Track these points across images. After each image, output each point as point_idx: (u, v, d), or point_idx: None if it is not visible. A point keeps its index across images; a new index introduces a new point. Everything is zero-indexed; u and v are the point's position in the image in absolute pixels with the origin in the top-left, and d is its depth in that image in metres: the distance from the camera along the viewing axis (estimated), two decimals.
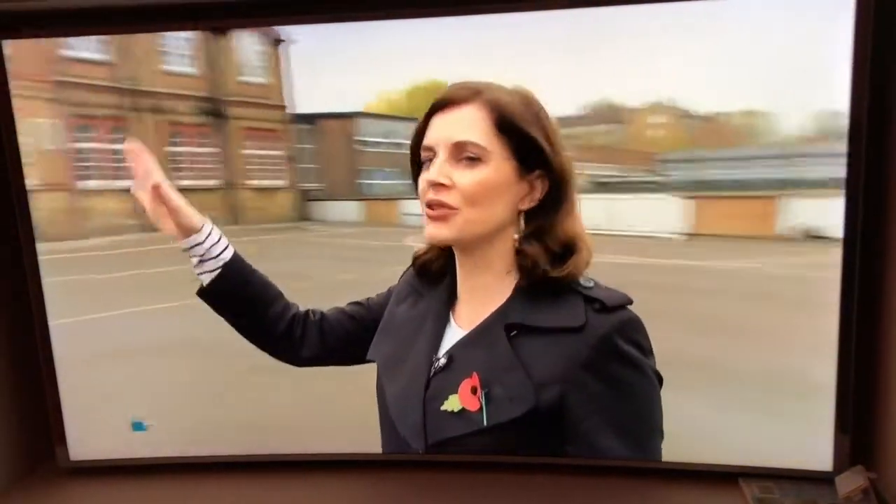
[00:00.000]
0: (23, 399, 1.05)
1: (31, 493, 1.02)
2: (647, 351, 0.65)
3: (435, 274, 0.75)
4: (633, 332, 0.64)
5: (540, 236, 0.67)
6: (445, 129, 0.65)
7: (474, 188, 0.63)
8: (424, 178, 0.65)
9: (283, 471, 1.03)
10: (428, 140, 0.66)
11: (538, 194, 0.68)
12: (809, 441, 0.93)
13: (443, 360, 0.68)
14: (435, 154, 0.65)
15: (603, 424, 0.63)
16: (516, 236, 0.68)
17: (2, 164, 0.98)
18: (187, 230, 0.76)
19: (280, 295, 0.84)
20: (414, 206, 0.69)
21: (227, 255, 0.78)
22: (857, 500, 0.84)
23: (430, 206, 0.65)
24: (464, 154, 0.64)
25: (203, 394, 3.35)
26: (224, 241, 0.79)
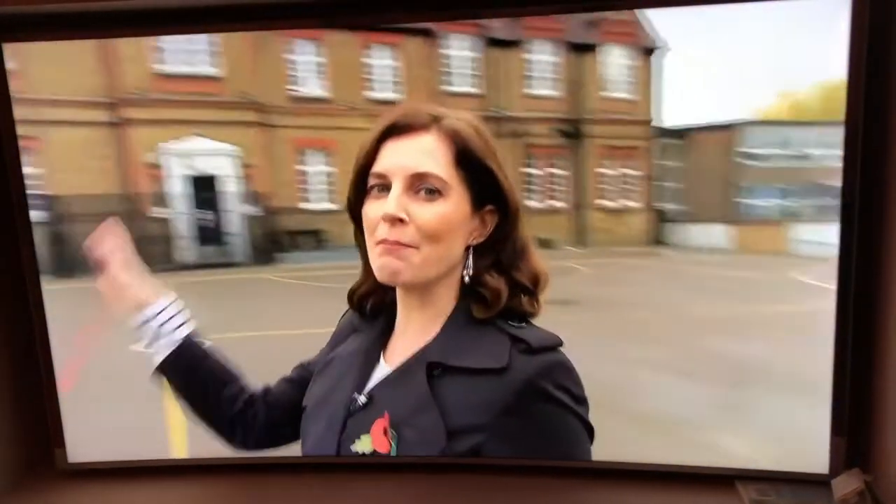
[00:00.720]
0: (21, 400, 1.06)
1: (29, 496, 1.03)
2: (578, 398, 0.61)
3: (373, 308, 0.72)
4: (561, 376, 0.60)
5: (503, 270, 0.65)
6: (403, 158, 0.61)
7: (435, 224, 0.60)
8: (377, 209, 0.61)
9: (283, 471, 1.04)
10: (381, 167, 0.62)
11: (488, 229, 0.65)
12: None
13: (363, 399, 0.66)
14: (387, 182, 0.62)
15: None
16: (464, 272, 0.65)
17: (1, 167, 0.99)
18: (141, 302, 0.76)
19: (239, 376, 0.82)
20: (809, 232, 0.65)
21: (185, 328, 0.78)
22: (853, 503, 0.84)
23: (383, 242, 0.61)
24: (422, 186, 0.61)
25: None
26: (182, 314, 0.78)
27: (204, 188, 12.08)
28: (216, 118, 11.97)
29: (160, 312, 0.76)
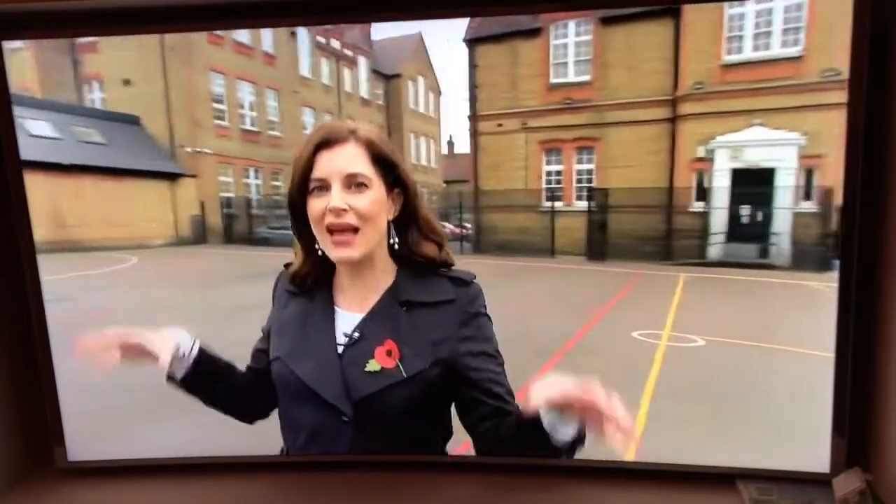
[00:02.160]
0: (21, 399, 1.06)
1: (28, 494, 1.04)
2: (485, 306, 0.90)
3: (312, 282, 0.91)
4: (480, 295, 0.90)
5: (427, 236, 0.89)
6: (336, 163, 0.80)
7: (368, 208, 0.81)
8: (321, 204, 0.80)
9: (283, 471, 1.05)
10: (320, 172, 0.80)
11: (398, 206, 0.87)
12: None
13: (356, 335, 0.85)
14: (326, 184, 0.80)
15: (482, 358, 0.85)
16: (392, 240, 0.88)
17: (1, 166, 1.00)
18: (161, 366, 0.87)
19: (235, 369, 0.98)
20: None
21: (196, 350, 0.91)
22: (854, 502, 0.86)
23: (332, 230, 0.80)
24: (353, 182, 0.80)
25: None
26: (190, 341, 0.91)
27: (751, 182, 11.69)
28: (786, 104, 11.62)
29: (174, 359, 0.88)
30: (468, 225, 17.75)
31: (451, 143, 39.96)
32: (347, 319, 0.87)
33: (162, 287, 9.43)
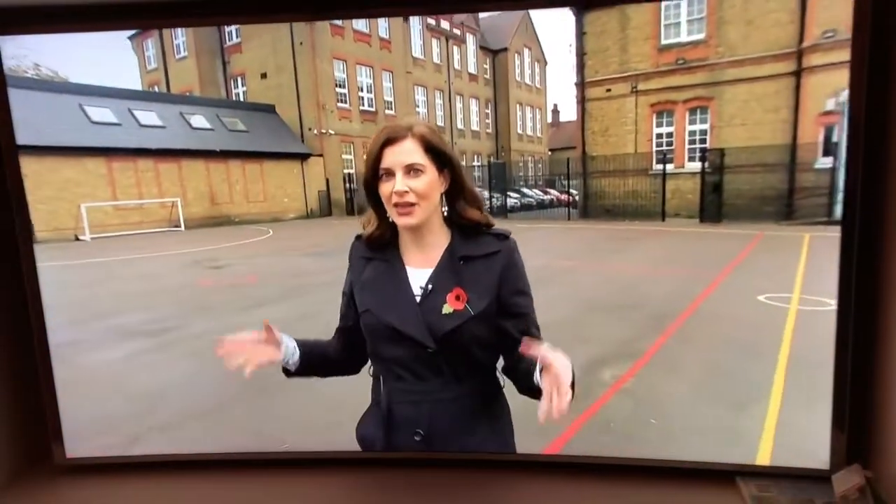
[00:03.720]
0: (19, 396, 1.05)
1: (27, 491, 1.03)
2: (519, 254, 1.07)
3: (383, 243, 1.08)
4: (517, 248, 1.06)
5: (471, 204, 1.05)
6: (398, 156, 0.97)
7: (424, 188, 0.98)
8: (389, 187, 0.98)
9: (282, 470, 1.07)
10: (386, 164, 0.98)
11: (447, 183, 1.03)
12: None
13: (429, 287, 1.02)
14: (392, 172, 0.98)
15: (518, 296, 1.03)
16: (445, 209, 1.06)
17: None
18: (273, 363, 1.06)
19: (327, 344, 1.16)
20: None
21: (298, 350, 1.09)
22: (854, 499, 0.86)
23: (397, 205, 0.98)
24: (412, 169, 0.97)
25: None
26: (294, 343, 1.08)
27: None
28: None
29: (285, 356, 1.07)
30: (574, 191, 17.67)
31: (556, 112, 39.76)
32: (418, 275, 1.04)
33: (296, 255, 10.14)
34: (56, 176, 14.65)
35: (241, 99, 22.03)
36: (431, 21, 25.44)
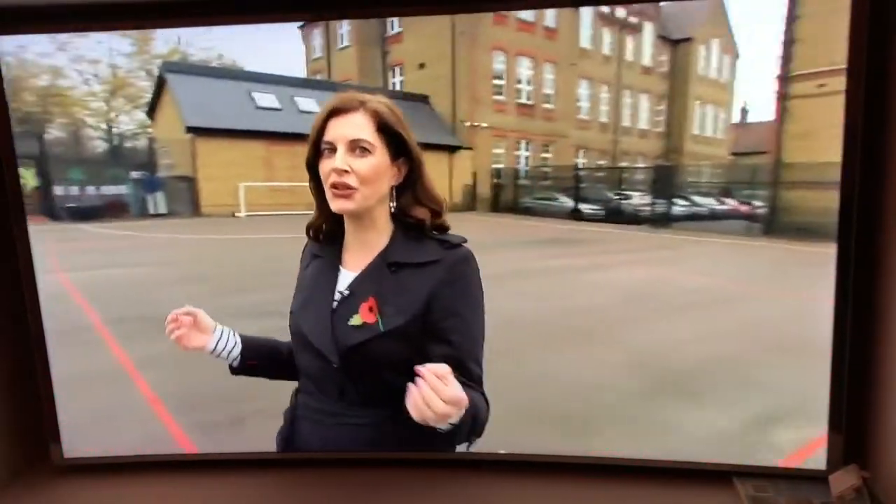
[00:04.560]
0: (17, 397, 1.06)
1: (24, 491, 1.04)
2: (477, 272, 0.96)
3: (326, 235, 1.01)
4: (471, 260, 0.95)
5: (422, 201, 0.96)
6: (342, 129, 0.89)
7: (367, 172, 0.89)
8: (329, 164, 0.89)
9: (282, 470, 1.07)
10: (328, 136, 0.90)
11: (402, 174, 0.95)
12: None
13: (346, 292, 0.94)
14: (333, 147, 0.89)
15: (452, 318, 0.91)
16: (393, 204, 0.96)
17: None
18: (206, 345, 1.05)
19: (281, 343, 1.10)
20: None
21: (239, 346, 1.06)
22: (851, 499, 0.89)
23: (335, 186, 0.89)
24: (357, 146, 0.89)
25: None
26: (234, 336, 1.06)
27: None
28: None
29: (217, 347, 1.04)
30: (758, 203, 15.83)
31: (744, 111, 34.95)
32: (347, 278, 0.97)
33: None
34: (221, 156, 16.15)
35: (398, 89, 22.66)
36: (605, 9, 24.02)
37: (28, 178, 14.53)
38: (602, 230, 14.52)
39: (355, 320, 0.91)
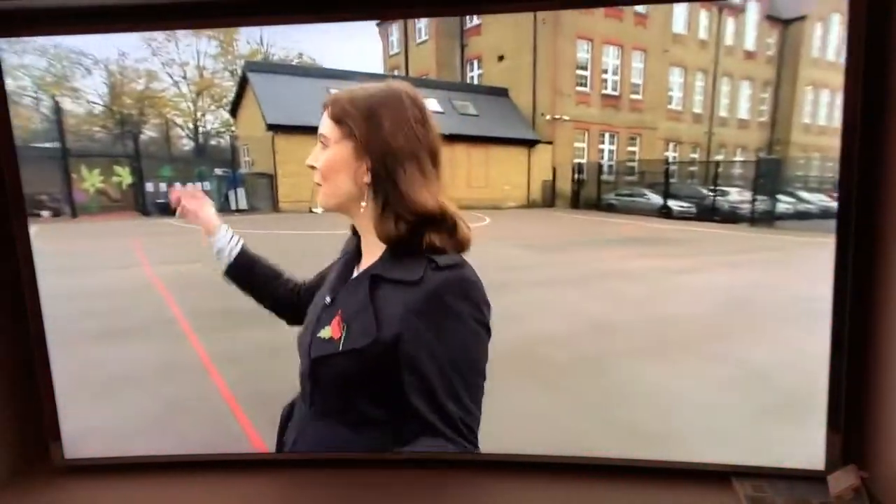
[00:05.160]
0: (17, 396, 1.07)
1: (24, 492, 1.05)
2: (476, 303, 0.84)
3: (354, 231, 0.99)
4: (460, 287, 0.83)
5: (391, 207, 0.87)
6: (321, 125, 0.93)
7: (322, 166, 0.90)
8: None
9: (282, 470, 1.07)
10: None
11: (369, 171, 0.88)
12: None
13: (327, 300, 0.93)
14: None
15: (426, 360, 0.81)
16: (363, 204, 0.90)
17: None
18: (212, 231, 1.18)
19: (281, 274, 1.20)
20: None
21: (237, 250, 1.17)
22: (849, 499, 0.91)
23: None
24: (322, 141, 0.90)
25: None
26: (236, 236, 1.18)
27: None
28: None
29: (222, 237, 1.17)
30: None
31: None
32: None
33: (511, 246, 9.92)
34: (299, 153, 16.61)
35: (476, 82, 22.43)
36: None
37: (124, 175, 15.56)
38: (695, 229, 13.58)
39: (325, 332, 0.89)
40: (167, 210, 15.23)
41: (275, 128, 16.40)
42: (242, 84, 18.89)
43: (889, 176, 0.86)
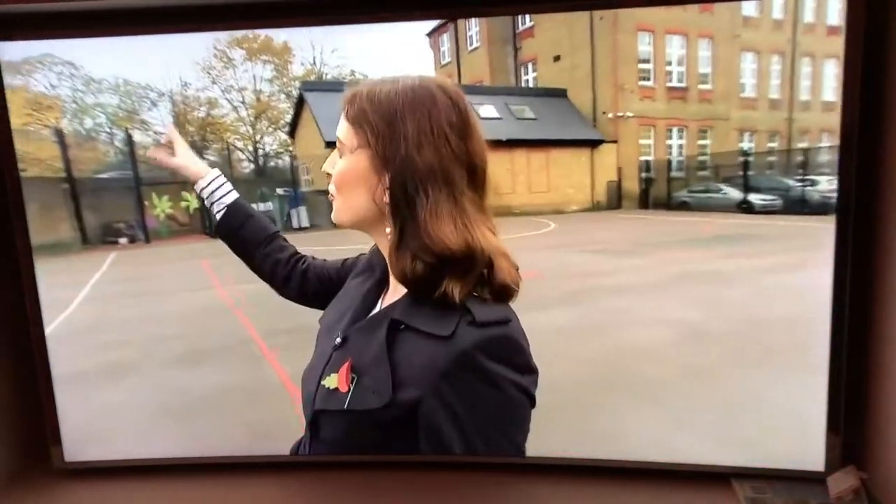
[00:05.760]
0: (18, 399, 1.09)
1: (25, 495, 1.07)
2: (518, 368, 0.72)
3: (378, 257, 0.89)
4: (501, 348, 0.71)
5: (407, 241, 0.73)
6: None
7: (336, 177, 0.81)
8: None
9: (282, 471, 1.08)
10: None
11: (384, 186, 0.75)
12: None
13: (338, 340, 0.82)
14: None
15: (451, 432, 0.69)
16: (388, 230, 0.76)
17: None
18: (195, 177, 1.08)
19: (276, 236, 1.09)
20: None
21: (229, 199, 1.07)
22: (849, 501, 0.94)
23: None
24: (339, 146, 0.80)
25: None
26: (227, 188, 1.08)
27: None
28: None
29: (211, 182, 1.07)
30: None
31: None
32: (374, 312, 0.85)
33: (582, 252, 9.77)
34: None
35: (531, 85, 22.25)
36: None
37: (191, 200, 16.29)
38: (782, 223, 12.77)
39: (330, 381, 0.78)
40: None
41: (332, 145, 16.79)
42: (299, 104, 19.50)
43: (890, 174, 0.87)
